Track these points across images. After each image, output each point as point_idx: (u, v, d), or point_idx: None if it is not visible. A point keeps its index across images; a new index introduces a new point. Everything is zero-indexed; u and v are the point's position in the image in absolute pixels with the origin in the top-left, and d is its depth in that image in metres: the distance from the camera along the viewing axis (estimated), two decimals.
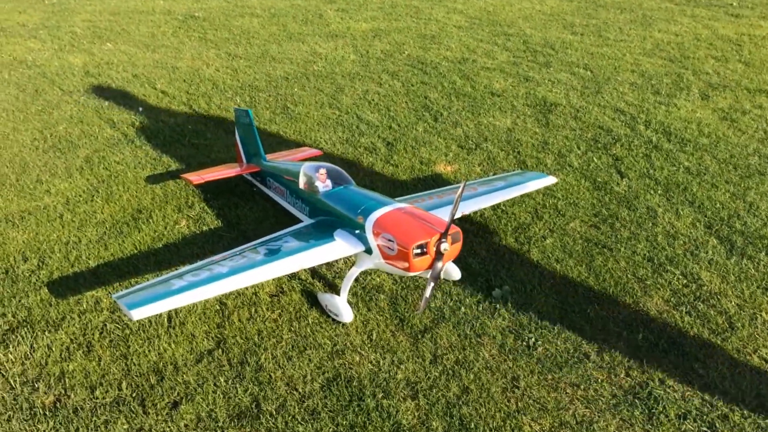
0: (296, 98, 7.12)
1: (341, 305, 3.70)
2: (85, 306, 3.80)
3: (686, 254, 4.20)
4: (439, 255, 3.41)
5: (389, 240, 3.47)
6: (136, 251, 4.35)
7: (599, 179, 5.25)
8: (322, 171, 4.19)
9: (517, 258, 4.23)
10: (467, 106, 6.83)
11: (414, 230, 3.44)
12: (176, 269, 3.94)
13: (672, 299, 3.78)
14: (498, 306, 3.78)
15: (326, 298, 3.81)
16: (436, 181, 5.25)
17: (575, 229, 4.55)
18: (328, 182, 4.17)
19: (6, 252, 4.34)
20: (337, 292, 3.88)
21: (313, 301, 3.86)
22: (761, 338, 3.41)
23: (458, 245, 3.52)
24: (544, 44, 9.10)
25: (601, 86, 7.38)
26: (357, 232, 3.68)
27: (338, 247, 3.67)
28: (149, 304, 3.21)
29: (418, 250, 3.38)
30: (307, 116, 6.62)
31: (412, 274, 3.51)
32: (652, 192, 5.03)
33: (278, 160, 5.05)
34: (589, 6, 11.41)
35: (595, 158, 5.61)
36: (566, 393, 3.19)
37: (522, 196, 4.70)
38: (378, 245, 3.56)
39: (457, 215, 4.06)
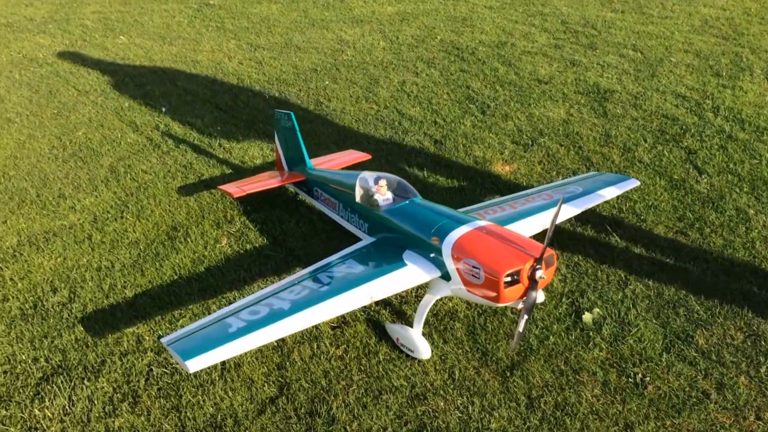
0: (329, 92, 6.66)
1: (417, 339, 3.28)
2: (126, 346, 3.40)
3: None
4: (533, 283, 2.98)
5: (474, 267, 3.04)
6: (175, 276, 3.94)
7: (675, 176, 4.79)
8: (382, 182, 3.75)
9: (603, 273, 3.79)
10: (514, 96, 6.35)
11: (504, 255, 3.01)
12: (223, 298, 3.56)
13: None
14: (591, 334, 3.35)
15: (397, 330, 3.39)
16: (496, 184, 4.80)
17: (661, 236, 4.09)
18: (389, 195, 3.74)
19: (33, 282, 3.94)
20: (408, 323, 3.45)
21: (382, 333, 3.44)
22: None
23: (552, 269, 3.09)
24: (584, 24, 8.57)
25: (655, 69, 6.88)
26: (432, 255, 3.25)
27: (412, 274, 3.24)
28: (207, 353, 2.80)
29: (510, 279, 2.95)
30: (343, 112, 6.17)
31: (500, 305, 3.09)
32: (737, 190, 4.56)
33: (325, 166, 4.61)
34: None
35: (666, 152, 5.14)
36: None
37: None
38: (459, 271, 3.13)
39: (537, 229, 3.64)
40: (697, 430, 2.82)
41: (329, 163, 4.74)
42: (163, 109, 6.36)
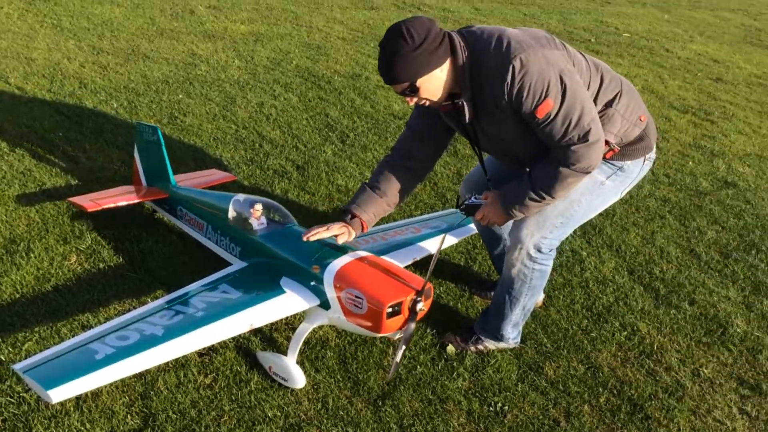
0: (183, 106, 6.43)
1: (292, 368, 3.25)
2: None
3: (618, 302, 4.22)
4: (413, 315, 3.09)
5: (357, 297, 3.09)
6: (18, 295, 3.57)
7: None
8: (258, 206, 3.70)
9: (462, 306, 4.01)
10: (372, 128, 6.55)
11: (387, 287, 3.09)
12: (75, 321, 3.29)
13: (619, 354, 3.75)
14: (455, 364, 3.53)
15: (270, 359, 3.34)
16: None
17: None
18: (263, 219, 3.69)
19: None
20: (280, 351, 3.42)
21: (253, 361, 3.36)
22: (710, 397, 3.45)
23: (430, 302, 3.23)
24: None
25: None
26: (312, 283, 3.25)
27: (292, 302, 3.21)
28: (71, 381, 2.58)
29: (392, 310, 3.04)
30: (200, 129, 5.98)
31: (379, 335, 3.16)
32: (572, 234, 5.05)
33: (188, 185, 4.44)
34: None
35: None
36: None
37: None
38: (340, 300, 3.16)
39: (407, 263, 3.78)
40: None
41: (192, 182, 4.57)
42: None
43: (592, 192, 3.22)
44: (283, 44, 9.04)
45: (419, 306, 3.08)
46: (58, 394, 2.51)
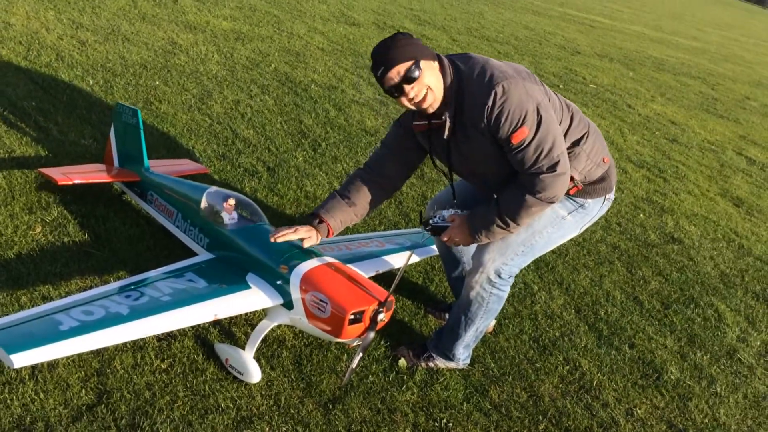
0: (160, 93, 6.43)
1: (248, 362, 3.30)
2: None
3: (564, 338, 4.41)
4: (373, 324, 3.20)
5: (321, 301, 3.18)
6: None
7: None
8: (231, 201, 3.76)
9: (416, 323, 4.13)
10: (343, 140, 6.66)
11: (352, 295, 3.19)
12: (36, 291, 3.29)
13: (561, 385, 3.92)
14: (405, 378, 3.64)
15: (227, 351, 3.39)
16: None
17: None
18: (234, 214, 3.75)
19: None
20: (238, 345, 3.47)
21: (210, 352, 3.41)
22: None
23: (390, 313, 3.34)
24: None
25: None
26: (278, 282, 3.33)
27: (256, 298, 3.29)
28: (35, 349, 2.60)
29: (354, 317, 3.14)
30: (174, 118, 5.99)
31: (338, 340, 3.25)
32: (525, 268, 5.24)
33: (160, 171, 4.45)
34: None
35: None
36: None
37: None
38: (304, 302, 3.24)
39: (371, 274, 3.89)
40: None
41: (164, 169, 4.58)
42: None
43: (554, 225, 3.40)
44: (263, 46, 9.11)
45: (380, 316, 3.19)
46: (20, 360, 2.52)
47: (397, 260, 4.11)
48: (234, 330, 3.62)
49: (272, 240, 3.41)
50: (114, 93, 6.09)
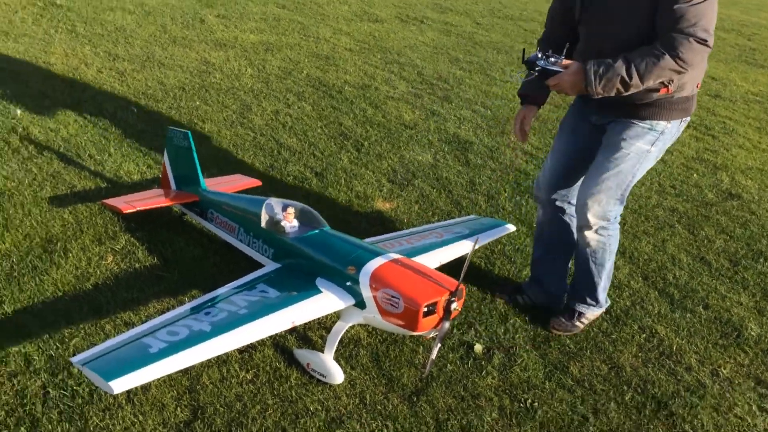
0: (201, 113, 6.54)
1: (329, 364, 3.36)
2: (13, 366, 3.10)
3: (635, 306, 4.36)
4: (447, 314, 3.22)
5: (393, 296, 3.21)
6: (59, 293, 3.67)
7: (534, 225, 5.33)
8: (290, 210, 3.82)
9: (485, 308, 4.13)
10: (385, 137, 6.68)
11: (423, 288, 3.22)
12: (117, 318, 3.39)
13: (640, 354, 3.88)
14: (483, 363, 3.65)
15: (307, 356, 3.45)
16: (379, 219, 5.04)
17: (528, 275, 4.55)
18: (295, 222, 3.82)
19: None
20: (316, 348, 3.53)
21: (290, 358, 3.47)
22: (730, 395, 3.59)
23: (462, 302, 3.36)
24: (438, 78, 9.21)
25: (503, 126, 7.59)
26: (348, 284, 3.38)
27: (329, 301, 3.34)
28: (130, 374, 2.69)
29: (427, 309, 3.16)
30: (219, 135, 6.10)
31: (414, 333, 3.28)
32: None
33: (216, 189, 4.55)
34: (467, 43, 11.78)
35: (523, 202, 5.71)
36: None
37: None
38: (376, 300, 3.28)
39: (434, 266, 3.91)
40: None
41: (219, 187, 4.68)
42: (18, 112, 5.85)
43: (641, 161, 3.49)
44: (292, 54, 9.18)
45: (453, 306, 3.21)
46: (119, 385, 2.61)
47: (458, 249, 4.12)
48: (310, 335, 3.68)
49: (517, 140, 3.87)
50: (159, 118, 6.22)
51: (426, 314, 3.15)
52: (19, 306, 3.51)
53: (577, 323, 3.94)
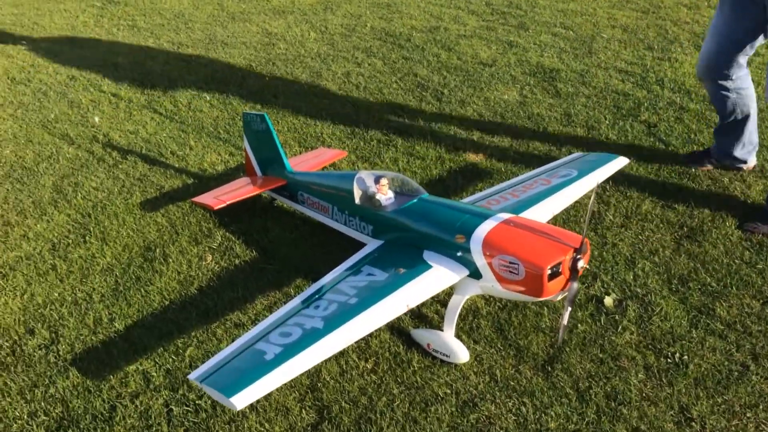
0: (272, 88, 6.36)
1: (451, 342, 3.14)
2: (133, 386, 3.06)
3: None
4: (574, 274, 2.91)
5: (511, 263, 2.93)
6: (166, 302, 3.60)
7: (644, 151, 4.87)
8: (384, 181, 3.57)
9: (608, 254, 3.78)
10: (464, 81, 6.29)
11: (543, 248, 2.91)
12: (227, 320, 3.29)
13: None
14: (617, 318, 3.33)
15: (426, 336, 3.24)
16: (474, 173, 4.73)
17: (650, 211, 4.14)
18: (390, 194, 3.56)
19: (2, 325, 3.48)
20: (434, 327, 3.31)
21: (408, 341, 3.27)
22: None
23: (587, 257, 3.03)
24: (509, 4, 8.63)
25: (590, 46, 7.01)
26: (459, 254, 3.12)
27: (441, 275, 3.09)
28: (250, 386, 2.54)
29: (551, 272, 2.86)
30: (294, 108, 5.91)
31: (540, 299, 3.00)
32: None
33: (301, 168, 4.37)
34: None
35: (627, 127, 5.24)
36: (746, 418, 2.78)
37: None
38: (492, 268, 3.01)
39: (548, 217, 3.59)
40: (748, 403, 2.85)
41: (305, 164, 4.49)
42: (97, 119, 5.84)
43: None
44: (352, 8, 8.83)
45: (580, 264, 2.90)
46: (241, 400, 2.48)
47: (571, 195, 3.78)
48: (425, 311, 3.46)
49: None
50: (232, 101, 6.09)
51: (551, 277, 2.87)
52: (129, 321, 3.46)
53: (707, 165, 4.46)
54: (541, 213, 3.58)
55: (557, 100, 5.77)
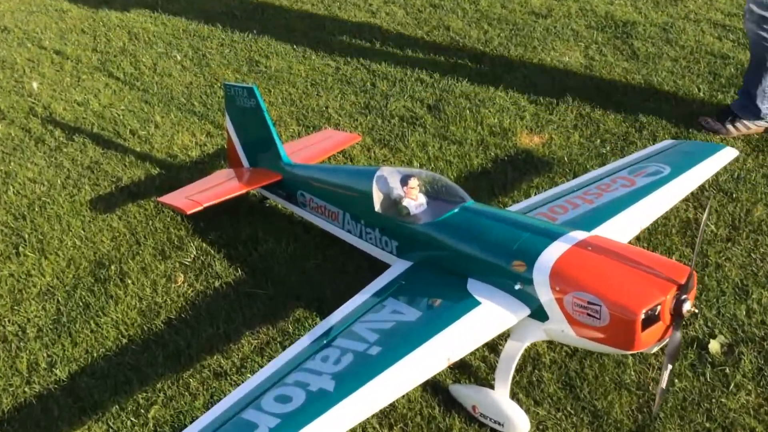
0: (262, 45, 6.11)
1: (507, 408, 2.89)
2: None
3: None
4: (677, 320, 2.65)
5: (591, 303, 2.67)
6: (124, 339, 3.40)
7: (754, 137, 4.59)
8: (413, 183, 3.31)
9: (711, 280, 3.52)
10: (511, 37, 6.03)
11: (637, 284, 2.65)
12: (205, 369, 3.05)
13: None
14: (728, 371, 3.07)
15: (471, 395, 3.00)
16: (529, 163, 4.48)
17: (765, 220, 3.87)
18: (422, 199, 3.31)
19: None
20: (482, 382, 3.08)
21: (446, 399, 3.04)
22: None
23: (694, 294, 2.78)
24: None
25: None
26: (517, 287, 2.86)
27: (493, 316, 2.84)
28: None
29: (646, 316, 2.60)
30: (291, 73, 5.67)
31: (630, 352, 2.75)
32: None
33: (303, 156, 4.17)
34: None
35: (729, 101, 4.95)
36: None
37: None
38: (563, 308, 2.75)
39: (634, 233, 3.34)
40: None
41: (307, 152, 4.27)
42: (35, 85, 5.62)
43: None
44: None
45: (686, 306, 2.63)
46: None
47: (665, 200, 3.52)
48: (468, 358, 3.21)
49: None
50: (210, 62, 5.86)
51: (646, 324, 2.61)
52: (75, 367, 3.26)
53: (730, 127, 4.54)
54: (625, 227, 3.34)
55: (634, 64, 5.51)
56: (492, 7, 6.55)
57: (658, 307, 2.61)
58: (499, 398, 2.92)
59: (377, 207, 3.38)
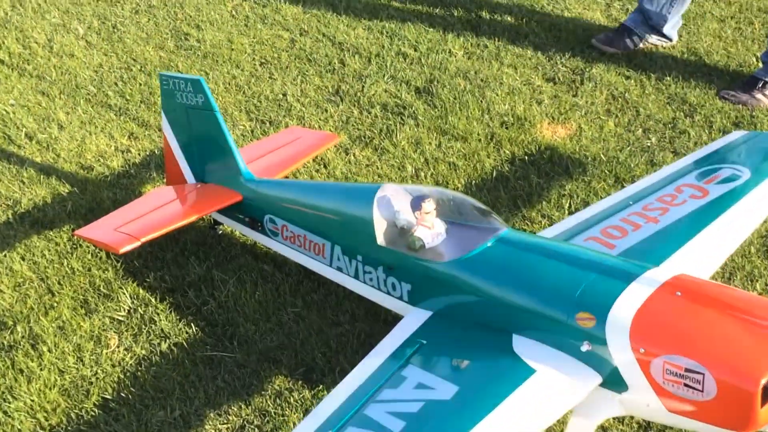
0: (191, 12, 5.92)
1: None
2: None
3: None
4: None
5: (689, 370, 2.55)
6: None
7: None
8: (428, 206, 3.15)
9: None
10: None
11: (750, 342, 2.56)
12: None
13: None
14: None
15: None
16: (556, 162, 4.44)
17: None
18: (441, 227, 3.16)
19: None
20: None
21: None
22: None
23: None
24: None
25: None
26: (584, 348, 2.74)
27: (555, 388, 2.72)
28: None
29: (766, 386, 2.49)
30: (232, 49, 5.47)
31: None
32: None
33: (264, 166, 3.99)
34: None
35: None
36: None
37: None
38: (650, 376, 2.63)
39: (718, 263, 3.26)
40: None
41: (270, 159, 4.12)
42: None
43: None
44: None
45: None
46: None
47: (749, 212, 3.45)
48: None
49: None
50: (124, 38, 5.65)
51: (766, 396, 2.49)
52: None
53: (759, 96, 4.74)
54: (705, 256, 3.26)
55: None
56: None
57: None
58: None
59: (380, 239, 3.25)
